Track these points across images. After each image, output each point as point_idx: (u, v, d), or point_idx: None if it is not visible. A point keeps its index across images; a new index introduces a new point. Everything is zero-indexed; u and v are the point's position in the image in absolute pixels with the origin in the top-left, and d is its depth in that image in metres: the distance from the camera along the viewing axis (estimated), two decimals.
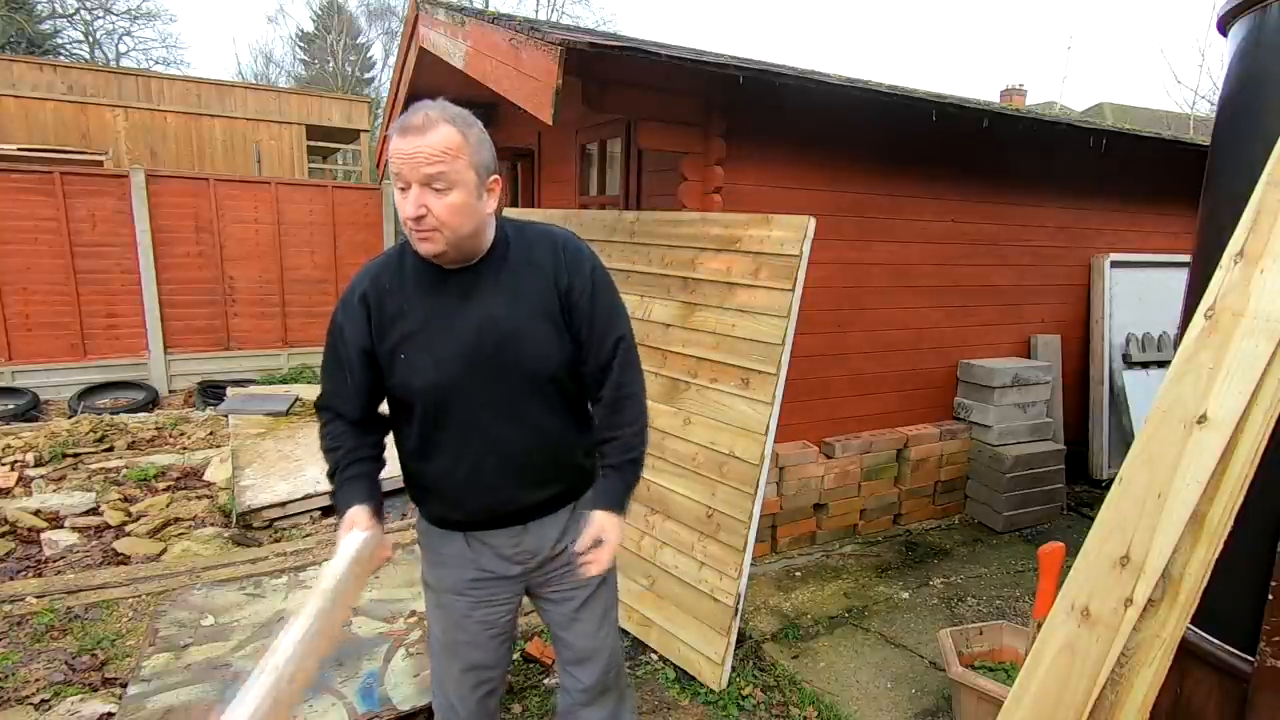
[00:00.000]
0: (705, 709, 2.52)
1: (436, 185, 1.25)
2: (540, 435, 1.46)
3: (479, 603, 1.53)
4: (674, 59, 2.75)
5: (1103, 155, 4.25)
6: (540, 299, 1.41)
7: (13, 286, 6.62)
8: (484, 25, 3.55)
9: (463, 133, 1.27)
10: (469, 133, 1.28)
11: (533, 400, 1.43)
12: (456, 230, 1.29)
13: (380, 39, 27.94)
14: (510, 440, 1.42)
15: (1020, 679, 1.61)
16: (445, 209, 1.26)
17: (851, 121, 3.53)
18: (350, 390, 1.42)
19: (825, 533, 3.84)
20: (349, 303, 1.40)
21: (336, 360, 1.42)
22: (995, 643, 2.57)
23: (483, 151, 1.31)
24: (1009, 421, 4.15)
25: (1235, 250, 1.41)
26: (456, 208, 1.27)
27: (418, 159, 1.23)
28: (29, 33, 18.77)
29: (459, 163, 1.26)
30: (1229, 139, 1.74)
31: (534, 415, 1.44)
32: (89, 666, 2.67)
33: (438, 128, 1.24)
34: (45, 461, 4.83)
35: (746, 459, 2.61)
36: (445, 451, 1.42)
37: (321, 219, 7.93)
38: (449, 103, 1.30)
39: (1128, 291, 4.77)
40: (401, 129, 1.25)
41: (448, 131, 1.25)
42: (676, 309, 2.98)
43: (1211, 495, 1.34)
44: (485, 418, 1.40)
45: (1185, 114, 14.33)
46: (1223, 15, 1.78)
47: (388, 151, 1.28)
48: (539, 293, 1.41)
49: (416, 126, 1.24)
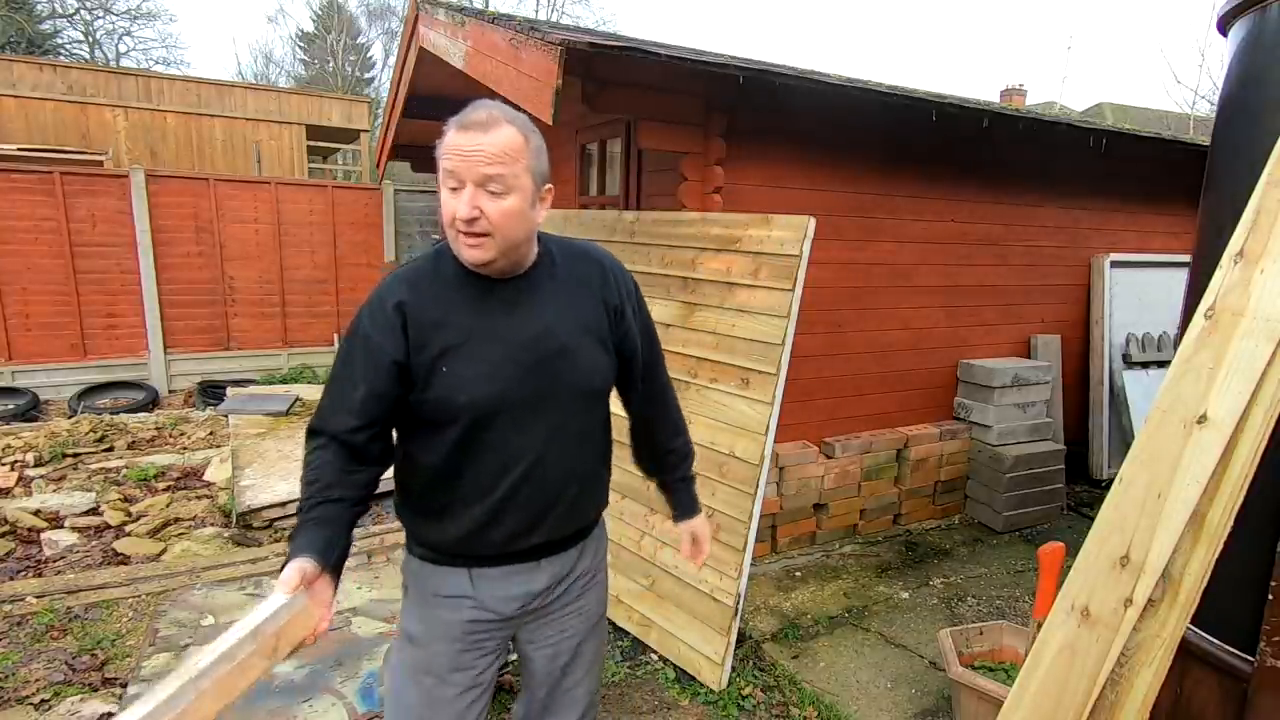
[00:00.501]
0: (705, 709, 2.52)
1: (493, 188, 1.17)
2: (583, 457, 1.40)
3: (468, 649, 1.39)
4: (674, 59, 2.75)
5: (1103, 155, 4.25)
6: (591, 315, 1.37)
7: (13, 286, 6.62)
8: (484, 25, 3.55)
9: (525, 136, 1.22)
10: (531, 138, 1.23)
11: (580, 419, 1.37)
12: (509, 237, 1.21)
13: (380, 39, 27.95)
14: (555, 459, 1.34)
15: (1020, 679, 1.61)
16: (500, 213, 1.18)
17: (851, 122, 3.53)
18: (359, 407, 1.24)
19: (825, 533, 3.84)
20: (379, 310, 1.26)
21: (353, 373, 1.26)
22: (995, 643, 2.57)
23: (541, 159, 1.26)
24: (1009, 421, 4.15)
25: (1235, 250, 1.41)
26: (511, 213, 1.20)
27: (478, 157, 1.16)
28: (29, 33, 18.77)
29: (519, 166, 1.19)
30: (1229, 139, 1.74)
31: (580, 434, 1.38)
32: (89, 666, 2.67)
33: (501, 127, 1.18)
34: (45, 461, 4.83)
35: (746, 459, 2.61)
36: (482, 471, 1.30)
37: (321, 219, 7.93)
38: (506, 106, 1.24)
39: (1128, 291, 4.77)
40: (462, 124, 1.18)
41: (511, 133, 1.19)
42: (676, 309, 2.98)
43: (1211, 495, 1.34)
44: (531, 436, 1.30)
45: (1185, 114, 14.33)
46: (1223, 15, 1.78)
47: (442, 147, 1.19)
48: (589, 309, 1.37)
49: (480, 123, 1.17)
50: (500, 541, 1.34)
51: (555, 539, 1.40)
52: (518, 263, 1.29)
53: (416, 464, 1.34)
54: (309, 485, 1.24)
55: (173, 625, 2.88)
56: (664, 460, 1.62)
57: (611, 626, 2.98)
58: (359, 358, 1.26)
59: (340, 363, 1.30)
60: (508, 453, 1.30)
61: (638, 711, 2.50)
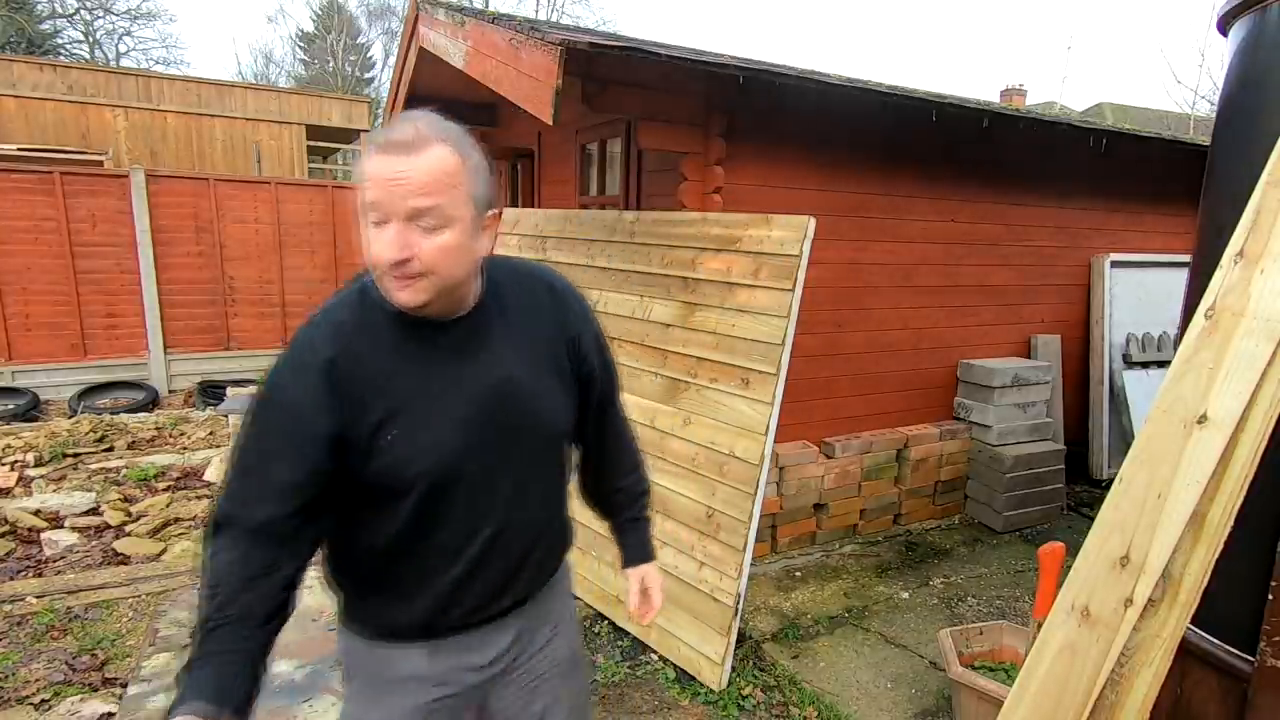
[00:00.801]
0: (705, 709, 2.52)
1: (425, 222, 0.97)
2: (551, 506, 1.28)
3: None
4: (674, 59, 2.75)
5: (1103, 155, 4.25)
6: (549, 350, 1.21)
7: (13, 286, 6.62)
8: (484, 25, 3.55)
9: (462, 156, 1.01)
10: (469, 157, 1.02)
11: (546, 468, 1.23)
12: (448, 277, 1.02)
13: (380, 39, 27.99)
14: (523, 518, 1.19)
15: (1020, 679, 1.61)
16: (435, 251, 0.99)
17: (851, 121, 3.53)
18: (284, 492, 1.00)
19: (825, 533, 3.84)
20: (303, 370, 1.03)
21: (273, 449, 1.02)
22: (995, 643, 2.57)
23: (483, 180, 1.05)
24: (1009, 421, 4.15)
25: (1235, 250, 1.40)
26: (450, 250, 1.00)
27: (404, 187, 0.96)
28: (29, 33, 18.77)
29: (456, 193, 1.00)
30: (1229, 139, 1.74)
31: (546, 484, 1.24)
32: (89, 666, 2.67)
33: (431, 148, 0.97)
34: (45, 461, 4.83)
35: (746, 459, 2.61)
36: (441, 545, 1.13)
37: (321, 219, 7.94)
38: (440, 115, 1.04)
39: (1128, 291, 4.77)
40: (383, 146, 0.97)
41: (443, 154, 0.98)
42: (676, 309, 2.98)
43: (1211, 495, 1.34)
44: (496, 497, 1.15)
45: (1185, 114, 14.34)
46: (1223, 15, 1.78)
47: (360, 172, 0.99)
48: (547, 343, 1.21)
49: (405, 143, 0.97)
50: (464, 615, 1.17)
51: (523, 596, 1.25)
52: (460, 300, 1.10)
53: (358, 541, 1.13)
54: (209, 600, 0.97)
55: (173, 625, 2.88)
56: (610, 499, 1.45)
57: (611, 627, 2.98)
58: (281, 430, 1.03)
59: (254, 435, 1.04)
60: (471, 521, 1.13)
61: (638, 711, 2.51)
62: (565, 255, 3.59)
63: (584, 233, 3.52)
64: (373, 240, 0.99)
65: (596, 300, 3.33)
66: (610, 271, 3.31)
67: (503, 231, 4.10)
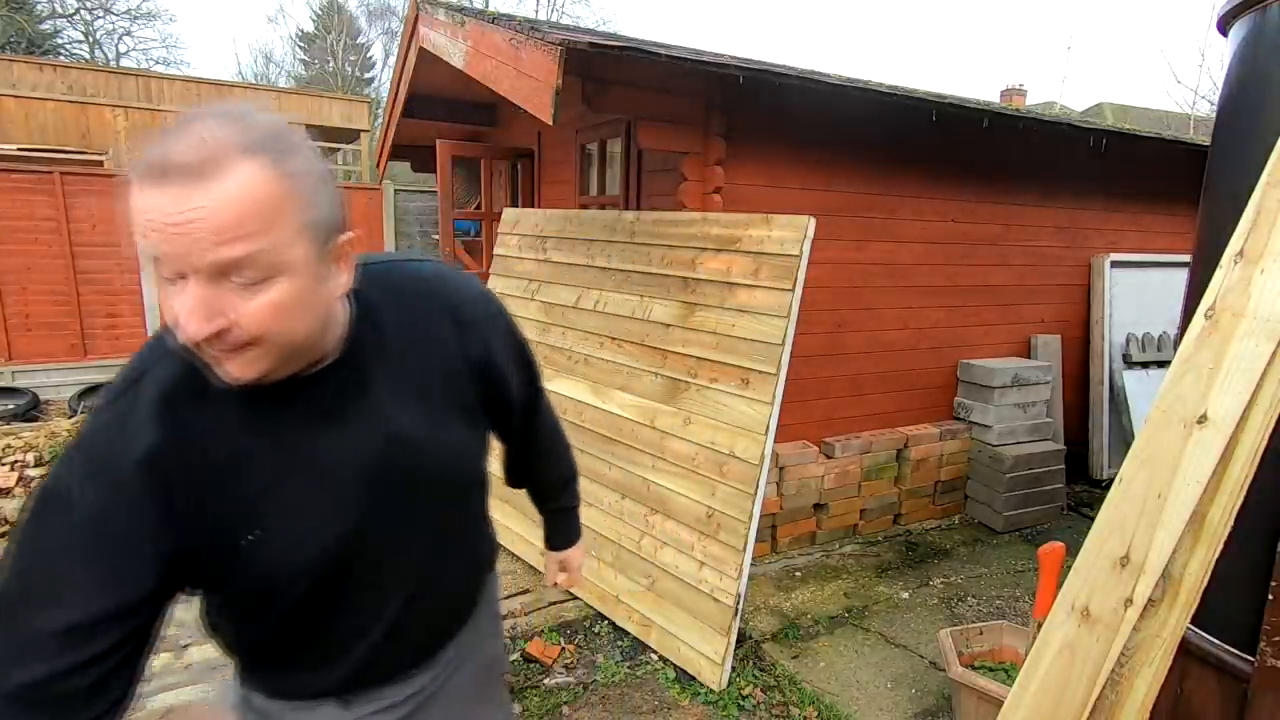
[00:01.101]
0: (705, 709, 2.52)
1: (241, 277, 0.69)
2: (473, 552, 1.14)
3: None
4: (673, 59, 2.75)
5: (1103, 155, 4.25)
6: (450, 386, 0.97)
7: (13, 286, 6.62)
8: (484, 25, 3.55)
9: (281, 171, 0.70)
10: (288, 168, 0.70)
11: (461, 517, 1.07)
12: (286, 342, 0.75)
13: (380, 39, 27.98)
14: (441, 575, 1.04)
15: (1020, 679, 1.61)
16: (262, 314, 0.71)
17: (852, 121, 3.53)
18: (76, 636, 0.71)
19: (825, 533, 3.84)
20: (110, 467, 0.74)
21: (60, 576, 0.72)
22: (995, 643, 2.57)
23: (320, 196, 0.74)
24: (1009, 421, 4.15)
25: (1235, 250, 1.40)
26: (282, 309, 0.72)
27: (197, 233, 0.66)
28: (29, 33, 18.77)
29: (280, 230, 0.70)
30: (1229, 139, 1.74)
31: (462, 532, 1.08)
32: None
33: (230, 169, 0.66)
34: (45, 461, 4.83)
35: (746, 459, 2.61)
36: (351, 620, 0.96)
37: None
38: (241, 108, 0.72)
39: (1128, 291, 4.77)
40: (156, 171, 0.66)
41: (250, 175, 0.67)
42: (676, 309, 2.98)
43: (1211, 495, 1.34)
44: (412, 559, 0.97)
45: (1185, 114, 14.34)
46: (1223, 15, 1.78)
47: (131, 204, 0.68)
48: (447, 378, 0.96)
49: (187, 167, 0.65)
50: (387, 672, 1.03)
51: (453, 634, 1.12)
52: (319, 352, 0.83)
53: (244, 631, 0.96)
54: None
55: (172, 625, 2.88)
56: (539, 489, 1.36)
57: (611, 626, 2.98)
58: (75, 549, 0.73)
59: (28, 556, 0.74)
60: (382, 593, 0.96)
61: (638, 711, 2.51)
62: (565, 255, 3.59)
63: (584, 233, 3.52)
64: (169, 301, 0.70)
65: (596, 300, 3.34)
66: (610, 271, 3.31)
67: (503, 231, 4.11)
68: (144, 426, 0.76)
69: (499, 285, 3.99)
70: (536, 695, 2.56)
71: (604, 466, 3.13)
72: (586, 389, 3.29)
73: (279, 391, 0.80)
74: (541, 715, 2.46)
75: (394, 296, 0.93)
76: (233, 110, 0.71)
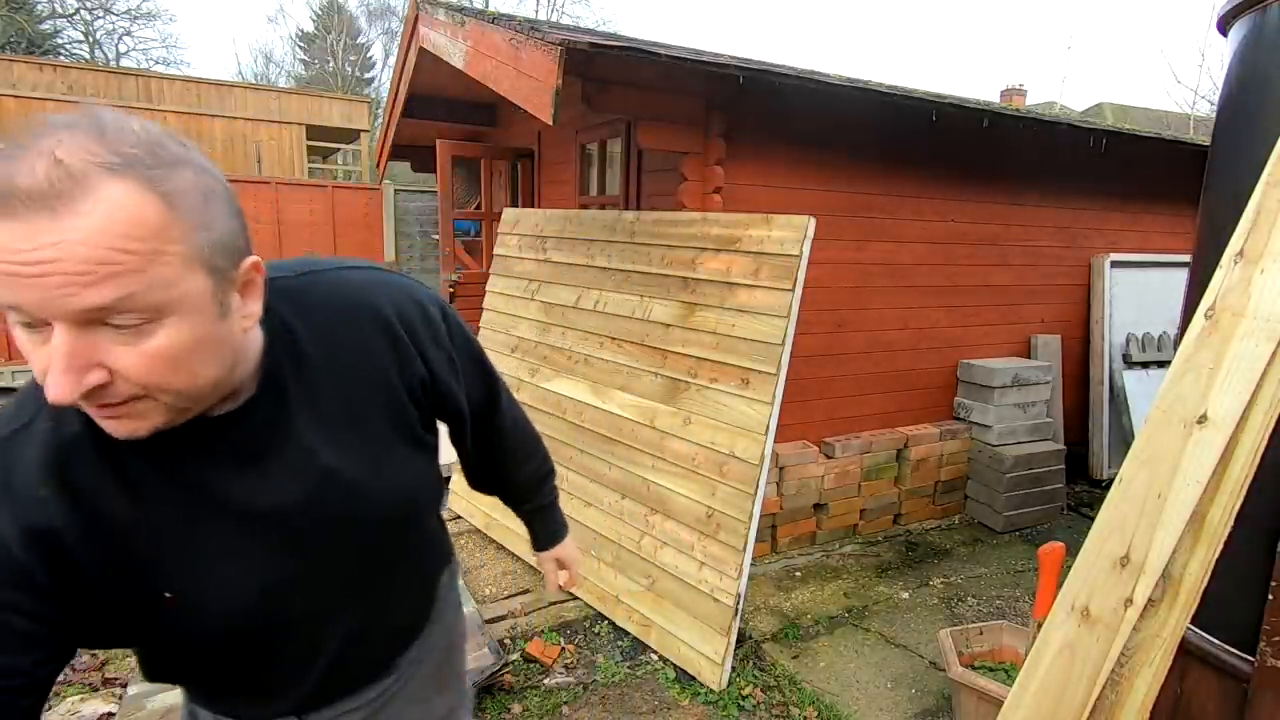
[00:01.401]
0: (705, 709, 2.52)
1: (119, 321, 0.58)
2: (420, 581, 1.08)
3: None
4: (673, 59, 2.76)
5: (1103, 155, 4.25)
6: (386, 409, 0.87)
7: None
8: (484, 25, 3.55)
9: (157, 193, 0.58)
10: (166, 186, 0.59)
11: (408, 552, 1.00)
12: (184, 390, 0.64)
13: (380, 39, 28.00)
14: (385, 609, 0.99)
15: (1020, 679, 1.61)
16: (150, 363, 0.60)
17: (851, 121, 3.53)
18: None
19: (825, 533, 3.84)
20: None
21: None
22: (995, 643, 2.57)
23: (212, 217, 0.63)
24: (1009, 421, 4.15)
25: (1235, 250, 1.40)
26: (175, 354, 0.61)
27: (50, 274, 0.54)
28: (29, 33, 18.78)
29: (164, 264, 0.58)
30: (1229, 139, 1.74)
31: (409, 566, 1.02)
32: (89, 666, 2.67)
33: (89, 196, 0.54)
34: None
35: (746, 459, 2.61)
36: (288, 662, 0.91)
37: (321, 219, 7.95)
38: (116, 115, 0.59)
39: (1128, 291, 4.77)
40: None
41: (116, 200, 0.55)
42: (676, 309, 2.98)
43: (1211, 495, 1.34)
44: (352, 593, 0.91)
45: (1185, 114, 14.35)
46: (1223, 15, 1.78)
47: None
48: (381, 402, 0.86)
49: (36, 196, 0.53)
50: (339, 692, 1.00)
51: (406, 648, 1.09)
52: (230, 388, 0.72)
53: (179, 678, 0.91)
54: None
55: None
56: (512, 491, 1.29)
57: (611, 626, 2.98)
58: None
59: None
60: (321, 627, 0.90)
61: (638, 711, 2.51)
62: (565, 255, 3.60)
63: (584, 233, 3.52)
64: (32, 353, 0.59)
65: (596, 300, 3.34)
66: (610, 271, 3.31)
67: (503, 231, 4.11)
68: (29, 501, 0.66)
69: (499, 285, 3.99)
70: (536, 695, 2.56)
71: (604, 466, 3.13)
72: (586, 389, 3.29)
73: (189, 435, 0.70)
74: (541, 715, 2.46)
75: (321, 318, 0.82)
76: (93, 119, 0.57)
